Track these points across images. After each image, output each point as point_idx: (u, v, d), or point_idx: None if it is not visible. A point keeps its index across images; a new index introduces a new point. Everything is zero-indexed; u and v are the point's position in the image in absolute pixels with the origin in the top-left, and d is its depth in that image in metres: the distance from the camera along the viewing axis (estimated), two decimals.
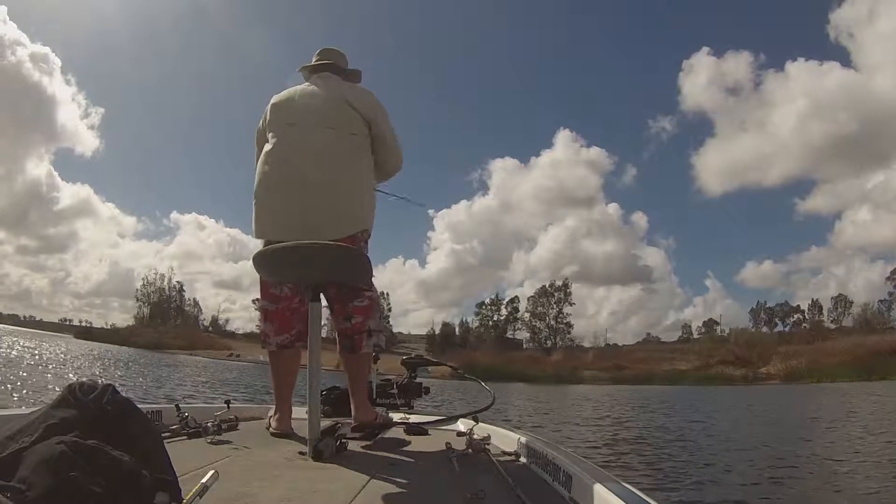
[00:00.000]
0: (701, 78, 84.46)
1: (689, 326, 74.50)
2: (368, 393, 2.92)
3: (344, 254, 1.78)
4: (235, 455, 1.67)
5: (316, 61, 2.28)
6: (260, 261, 1.84)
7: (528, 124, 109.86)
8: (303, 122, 2.06)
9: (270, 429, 2.14)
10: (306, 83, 2.21)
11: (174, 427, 1.90)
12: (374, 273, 2.07)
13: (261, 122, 2.22)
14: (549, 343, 71.49)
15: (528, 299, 74.53)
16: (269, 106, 2.18)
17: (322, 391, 2.08)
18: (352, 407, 2.17)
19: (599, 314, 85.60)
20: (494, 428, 2.21)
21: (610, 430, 9.17)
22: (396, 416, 2.62)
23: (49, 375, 12.98)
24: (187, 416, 1.94)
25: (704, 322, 73.42)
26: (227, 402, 2.33)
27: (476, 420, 2.17)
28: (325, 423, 1.85)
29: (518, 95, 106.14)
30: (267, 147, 2.10)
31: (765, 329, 69.07)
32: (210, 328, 78.50)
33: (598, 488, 1.18)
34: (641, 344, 72.22)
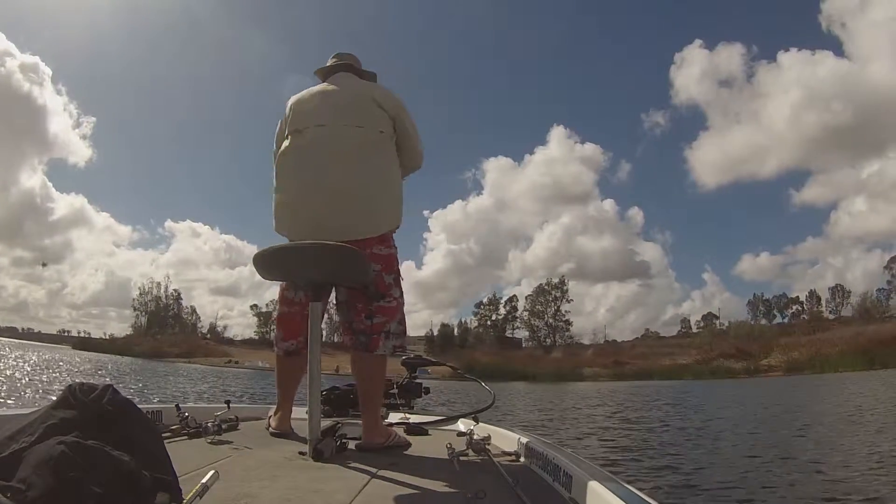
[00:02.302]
0: (693, 71, 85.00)
1: (688, 321, 74.91)
2: None
3: (344, 253, 1.78)
4: (236, 455, 1.67)
5: (332, 63, 2.26)
6: (260, 261, 1.84)
7: (522, 122, 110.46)
8: (332, 121, 2.04)
9: (270, 428, 2.15)
10: (324, 83, 2.18)
11: (174, 427, 1.89)
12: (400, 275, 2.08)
13: (280, 123, 2.18)
14: (548, 341, 71.60)
15: (526, 298, 74.70)
16: (290, 105, 2.14)
17: (322, 391, 2.08)
18: (362, 423, 2.03)
19: (597, 311, 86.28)
20: (494, 428, 2.20)
21: (617, 430, 9.14)
22: (396, 417, 2.62)
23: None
24: (187, 416, 1.94)
25: (703, 316, 73.84)
26: (227, 402, 2.32)
27: (476, 420, 2.17)
28: (325, 423, 1.85)
29: (511, 93, 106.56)
30: (289, 145, 2.07)
31: (764, 321, 69.32)
32: (208, 335, 78.37)
33: (599, 488, 1.18)
34: (641, 339, 72.43)
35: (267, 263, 1.86)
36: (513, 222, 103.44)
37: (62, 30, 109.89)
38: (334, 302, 2.09)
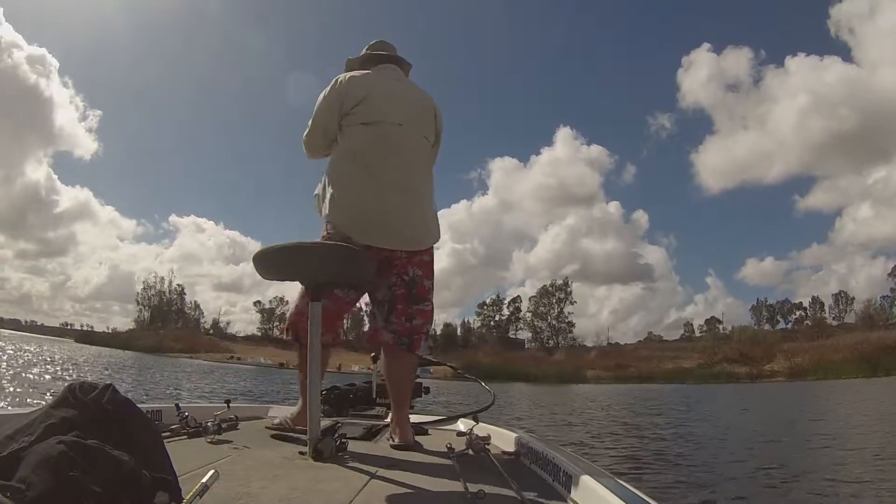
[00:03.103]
0: (700, 74, 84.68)
1: (691, 325, 74.72)
2: (368, 393, 2.91)
3: (346, 253, 1.78)
4: (235, 455, 1.67)
5: (373, 52, 2.20)
6: (261, 260, 1.84)
7: (529, 122, 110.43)
8: (408, 125, 2.03)
9: (291, 422, 2.11)
10: (383, 75, 2.11)
11: (174, 427, 1.89)
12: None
13: (327, 99, 2.06)
14: (551, 343, 71.46)
15: (530, 299, 74.59)
16: (350, 86, 2.03)
17: (322, 391, 2.08)
18: (392, 422, 2.08)
19: (601, 313, 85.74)
20: (494, 428, 2.20)
21: (627, 435, 9.12)
22: None
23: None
24: (187, 416, 1.93)
25: (706, 320, 73.55)
26: (227, 401, 2.32)
27: (476, 420, 2.17)
28: (325, 422, 1.84)
29: (518, 93, 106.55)
30: (366, 138, 2.00)
31: (767, 326, 69.10)
32: (211, 331, 78.52)
33: (598, 488, 1.18)
34: (643, 342, 72.27)
35: (268, 263, 1.85)
36: (517, 223, 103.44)
37: (69, 22, 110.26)
38: (366, 302, 2.12)
